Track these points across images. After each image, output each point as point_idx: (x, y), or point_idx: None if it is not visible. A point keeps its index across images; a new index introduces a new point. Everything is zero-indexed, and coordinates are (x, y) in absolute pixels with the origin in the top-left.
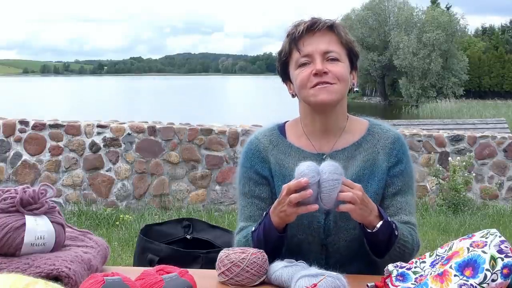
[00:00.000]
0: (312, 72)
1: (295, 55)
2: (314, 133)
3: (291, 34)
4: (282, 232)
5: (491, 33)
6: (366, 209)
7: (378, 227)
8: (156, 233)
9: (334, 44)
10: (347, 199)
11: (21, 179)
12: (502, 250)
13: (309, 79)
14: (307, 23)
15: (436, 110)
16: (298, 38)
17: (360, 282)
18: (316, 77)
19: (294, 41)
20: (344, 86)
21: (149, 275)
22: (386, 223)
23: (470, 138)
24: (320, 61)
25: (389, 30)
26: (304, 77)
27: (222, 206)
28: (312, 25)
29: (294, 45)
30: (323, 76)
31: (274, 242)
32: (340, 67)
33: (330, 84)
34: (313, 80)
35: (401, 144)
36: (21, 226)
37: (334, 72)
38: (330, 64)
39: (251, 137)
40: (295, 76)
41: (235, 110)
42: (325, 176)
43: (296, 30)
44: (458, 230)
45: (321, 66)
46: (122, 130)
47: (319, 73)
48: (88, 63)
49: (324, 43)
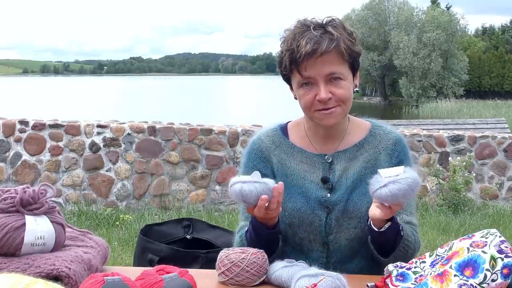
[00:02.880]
0: (316, 98)
1: (296, 75)
2: (316, 136)
3: (290, 51)
4: (272, 228)
5: (491, 33)
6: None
7: (387, 227)
8: (156, 233)
9: (337, 64)
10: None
11: (21, 179)
12: (502, 250)
13: (313, 103)
14: (308, 47)
15: (436, 110)
16: (299, 62)
17: (360, 282)
18: (320, 103)
19: (295, 63)
20: (348, 105)
21: (149, 275)
22: (395, 223)
23: (470, 138)
24: (324, 86)
25: (389, 30)
26: (308, 100)
27: (222, 206)
28: (314, 51)
29: (295, 67)
30: (327, 103)
31: (266, 239)
32: (343, 89)
33: (334, 108)
34: (317, 104)
35: (402, 146)
36: (21, 226)
37: (338, 96)
38: (334, 87)
39: (253, 138)
40: (299, 95)
41: (235, 110)
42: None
43: (296, 50)
44: (458, 230)
45: (325, 95)
46: (122, 130)
47: (323, 101)
48: (88, 63)
49: (327, 67)
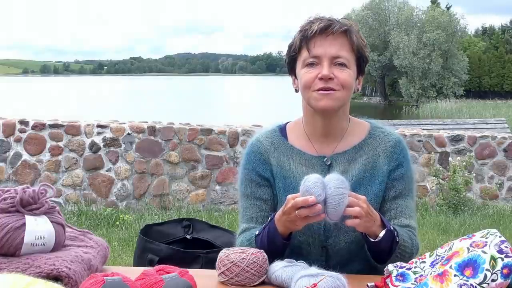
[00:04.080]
0: (318, 75)
1: (304, 53)
2: (315, 134)
3: (303, 31)
4: (287, 239)
5: (491, 33)
6: (370, 220)
7: (381, 237)
8: (156, 233)
9: (345, 50)
10: (354, 214)
11: (21, 179)
12: (502, 250)
13: (314, 81)
14: (321, 24)
15: (436, 110)
16: (310, 37)
17: (360, 282)
18: (321, 81)
19: (306, 39)
20: (348, 93)
21: (149, 275)
22: (389, 231)
23: (470, 138)
24: (328, 65)
25: (389, 30)
26: (309, 78)
27: (222, 206)
28: (326, 27)
29: (304, 44)
30: (328, 82)
31: (278, 248)
32: (346, 74)
33: (334, 90)
34: (317, 83)
35: (402, 147)
36: (21, 226)
37: (339, 79)
38: (337, 70)
39: (252, 139)
40: (301, 74)
41: (235, 110)
42: (330, 191)
43: (309, 28)
44: (458, 230)
45: (327, 72)
46: (122, 130)
47: (324, 78)
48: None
49: (335, 47)
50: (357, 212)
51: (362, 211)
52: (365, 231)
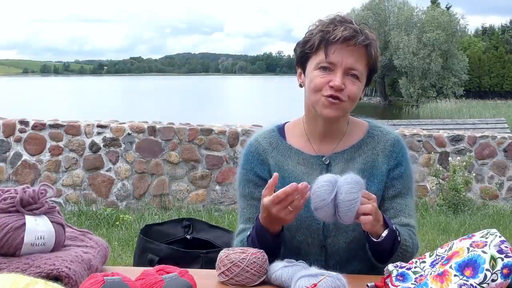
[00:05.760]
0: (329, 83)
1: (320, 55)
2: (315, 134)
3: (325, 32)
4: (277, 235)
5: (491, 33)
6: (376, 219)
7: (384, 236)
8: (156, 233)
9: (361, 63)
10: (367, 212)
11: (21, 179)
12: (502, 250)
13: (324, 87)
14: (346, 32)
15: (436, 110)
16: (331, 42)
17: (360, 282)
18: (331, 89)
19: (326, 42)
20: (353, 104)
21: (149, 275)
22: (391, 231)
23: (470, 138)
24: (341, 75)
25: (389, 30)
26: (320, 83)
27: (222, 206)
28: (350, 38)
29: (323, 46)
30: (337, 91)
31: (269, 245)
32: (356, 88)
33: (341, 101)
34: (327, 90)
35: (401, 146)
36: (21, 226)
37: (349, 91)
38: (349, 81)
39: (250, 139)
40: (312, 76)
41: (235, 110)
42: (342, 196)
43: (332, 31)
44: (458, 230)
45: (339, 83)
46: (122, 130)
47: (336, 88)
48: (88, 63)
49: (352, 59)
50: (370, 210)
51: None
52: (370, 230)
